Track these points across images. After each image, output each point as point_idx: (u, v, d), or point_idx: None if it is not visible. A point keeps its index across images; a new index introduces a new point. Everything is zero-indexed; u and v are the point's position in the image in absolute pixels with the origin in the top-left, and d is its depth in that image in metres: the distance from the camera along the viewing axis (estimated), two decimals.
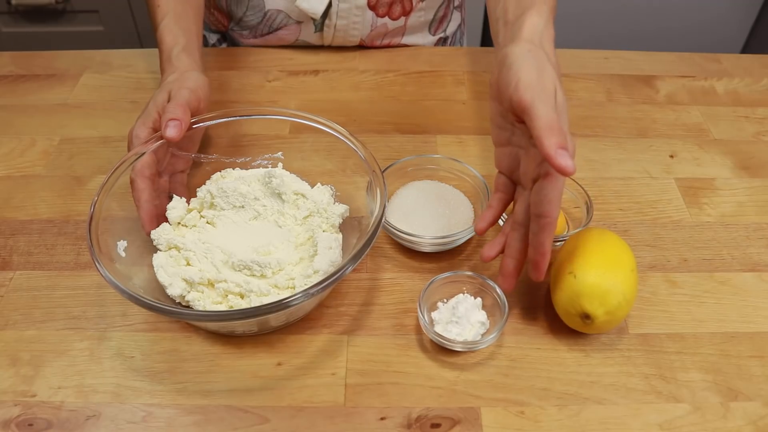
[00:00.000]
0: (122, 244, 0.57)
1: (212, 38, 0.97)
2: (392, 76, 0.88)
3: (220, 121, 0.65)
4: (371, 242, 0.53)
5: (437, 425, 0.52)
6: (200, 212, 0.64)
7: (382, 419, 0.52)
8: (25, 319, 0.59)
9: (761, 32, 1.73)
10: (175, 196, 0.63)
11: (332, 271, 0.52)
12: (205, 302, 0.56)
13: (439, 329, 0.56)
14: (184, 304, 0.56)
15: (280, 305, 0.49)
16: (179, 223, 0.62)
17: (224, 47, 0.96)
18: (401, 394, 0.54)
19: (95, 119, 0.80)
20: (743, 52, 1.82)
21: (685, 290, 0.62)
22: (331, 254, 0.58)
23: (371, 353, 0.56)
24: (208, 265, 0.58)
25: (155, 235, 0.59)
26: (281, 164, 0.67)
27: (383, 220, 0.56)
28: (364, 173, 0.60)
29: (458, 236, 0.62)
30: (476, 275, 0.59)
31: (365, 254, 0.53)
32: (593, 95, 0.86)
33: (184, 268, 0.58)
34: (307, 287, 0.50)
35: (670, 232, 0.68)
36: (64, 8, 1.60)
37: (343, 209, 0.63)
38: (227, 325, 0.55)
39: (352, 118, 0.81)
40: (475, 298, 0.58)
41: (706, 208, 0.70)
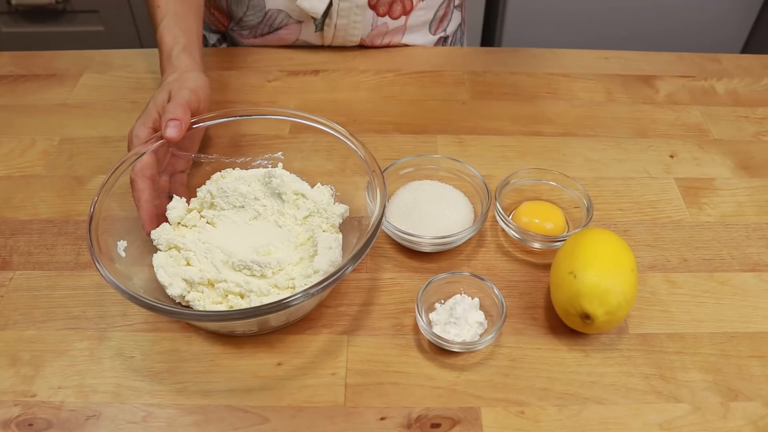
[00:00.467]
0: (122, 244, 0.57)
1: (212, 38, 0.97)
2: (392, 76, 0.88)
3: (220, 121, 0.65)
4: (371, 242, 0.53)
5: (437, 425, 0.52)
6: (200, 212, 0.64)
7: (382, 419, 0.52)
8: (25, 319, 0.59)
9: (761, 32, 1.73)
10: (175, 196, 0.63)
11: (332, 271, 0.52)
12: (205, 302, 0.56)
13: (437, 330, 0.56)
14: (184, 304, 0.56)
15: (280, 305, 0.49)
16: (179, 223, 0.62)
17: (224, 47, 0.96)
18: (401, 394, 0.54)
19: (95, 119, 0.80)
20: (743, 52, 1.81)
21: (684, 290, 0.62)
22: (331, 254, 0.58)
23: (371, 353, 0.56)
24: (208, 265, 0.58)
25: (155, 235, 0.59)
26: (281, 164, 0.67)
27: (383, 220, 0.56)
28: (364, 173, 0.60)
29: (458, 236, 0.62)
30: (474, 275, 0.59)
31: (365, 254, 0.53)
32: (593, 95, 0.85)
33: (184, 268, 0.58)
34: (307, 287, 0.50)
35: (670, 232, 0.68)
36: (64, 8, 1.60)
37: (343, 209, 0.63)
38: (227, 325, 0.55)
39: (352, 118, 0.81)
40: (472, 298, 0.58)
41: (705, 208, 0.70)
